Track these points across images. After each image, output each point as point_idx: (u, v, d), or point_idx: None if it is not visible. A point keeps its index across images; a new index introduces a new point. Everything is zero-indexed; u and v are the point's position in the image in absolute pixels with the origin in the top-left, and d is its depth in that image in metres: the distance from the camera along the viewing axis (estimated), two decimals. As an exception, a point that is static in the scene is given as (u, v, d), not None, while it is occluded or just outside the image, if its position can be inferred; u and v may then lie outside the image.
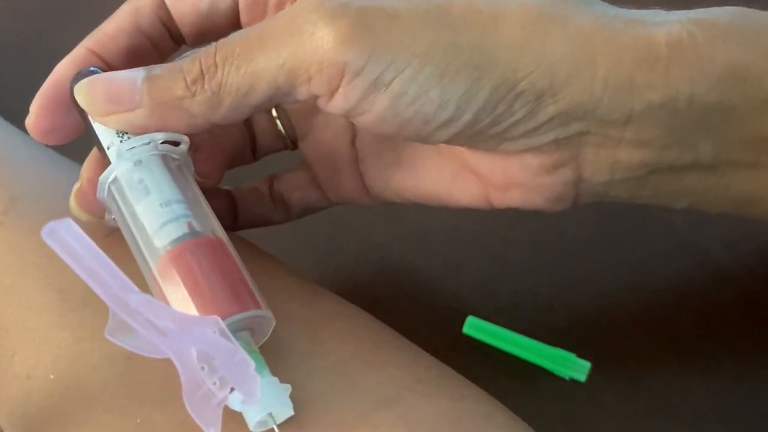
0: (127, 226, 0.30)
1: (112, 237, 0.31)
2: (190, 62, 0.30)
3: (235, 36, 0.30)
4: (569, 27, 0.30)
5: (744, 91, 0.31)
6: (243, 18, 0.34)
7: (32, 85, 0.34)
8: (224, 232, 0.30)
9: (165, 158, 0.30)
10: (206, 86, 0.29)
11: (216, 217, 0.30)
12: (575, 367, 0.40)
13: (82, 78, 0.31)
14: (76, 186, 0.33)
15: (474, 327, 0.41)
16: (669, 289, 0.42)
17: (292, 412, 0.27)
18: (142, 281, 0.29)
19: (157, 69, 0.30)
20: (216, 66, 0.29)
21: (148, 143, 0.30)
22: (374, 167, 0.36)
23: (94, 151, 0.32)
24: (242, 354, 0.26)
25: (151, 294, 0.29)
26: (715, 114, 0.31)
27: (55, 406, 0.30)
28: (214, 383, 0.26)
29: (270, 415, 0.27)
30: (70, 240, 0.24)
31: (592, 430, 0.38)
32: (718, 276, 0.43)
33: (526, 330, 0.40)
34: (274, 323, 0.28)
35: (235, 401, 0.26)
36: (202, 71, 0.29)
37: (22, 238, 0.33)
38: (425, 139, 0.31)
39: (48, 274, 0.32)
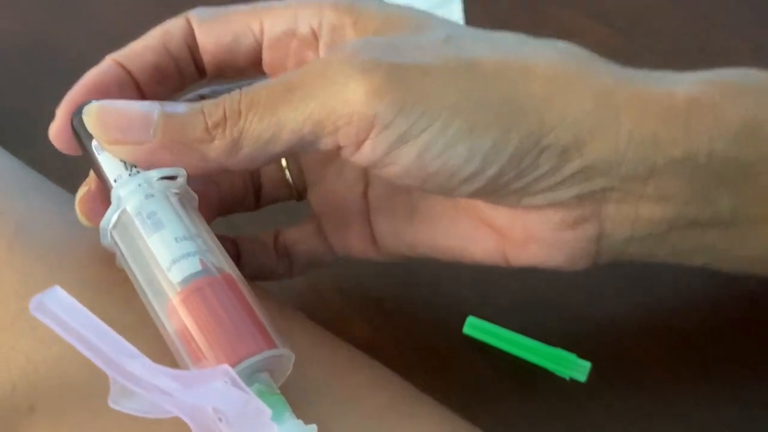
0: (134, 263, 0.29)
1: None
2: (213, 106, 0.30)
3: (261, 84, 0.30)
4: (593, 83, 0.30)
5: (759, 147, 0.31)
6: (265, 58, 0.34)
7: (32, 84, 0.34)
8: (236, 268, 0.29)
9: (170, 192, 0.30)
10: (227, 132, 0.29)
11: (227, 253, 0.30)
12: (575, 367, 0.40)
13: (80, 114, 0.31)
14: (82, 191, 0.32)
15: (474, 327, 0.41)
16: (669, 290, 0.42)
17: None
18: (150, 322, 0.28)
19: (175, 106, 0.30)
20: (240, 113, 0.29)
21: (154, 180, 0.30)
22: (386, 220, 0.36)
23: None
24: (256, 403, 0.24)
25: (162, 332, 0.28)
26: (733, 169, 0.31)
27: None
28: None
29: None
30: (57, 310, 0.23)
31: (592, 430, 0.38)
32: (719, 276, 0.43)
33: (526, 330, 0.40)
34: (293, 359, 0.27)
35: None
36: (225, 116, 0.29)
37: (32, 265, 0.32)
38: (448, 193, 0.31)
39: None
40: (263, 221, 0.39)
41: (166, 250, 0.28)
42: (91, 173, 0.32)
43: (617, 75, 0.31)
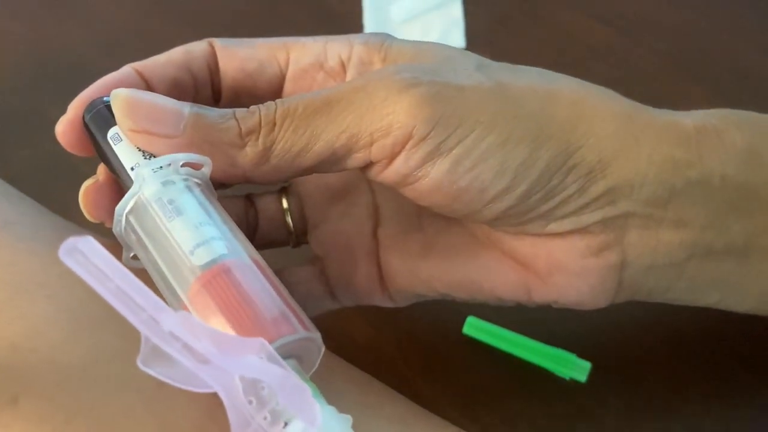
0: (153, 248, 0.28)
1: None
2: (247, 112, 0.30)
3: (297, 97, 0.30)
4: (613, 108, 0.31)
5: (763, 175, 0.32)
6: (287, 88, 0.34)
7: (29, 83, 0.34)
8: (260, 255, 0.29)
9: (191, 179, 0.30)
10: (260, 140, 0.29)
11: (251, 244, 0.29)
12: (575, 367, 0.40)
13: (96, 109, 0.31)
14: (89, 182, 0.31)
15: (474, 327, 0.41)
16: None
17: None
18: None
19: (205, 108, 0.30)
20: (275, 122, 0.29)
21: (179, 165, 0.29)
22: (399, 258, 0.35)
23: None
24: (295, 379, 0.23)
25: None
26: (744, 195, 0.32)
27: None
28: (265, 418, 0.24)
29: None
30: (92, 258, 0.22)
31: (592, 430, 0.38)
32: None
33: (526, 330, 0.40)
34: (323, 349, 0.27)
35: None
36: (259, 124, 0.29)
37: (22, 258, 0.31)
38: (475, 214, 0.31)
39: (55, 292, 0.30)
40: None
41: (188, 234, 0.27)
42: (99, 169, 0.32)
43: (632, 104, 0.32)
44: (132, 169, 0.30)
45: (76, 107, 0.32)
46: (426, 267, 0.34)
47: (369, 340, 0.39)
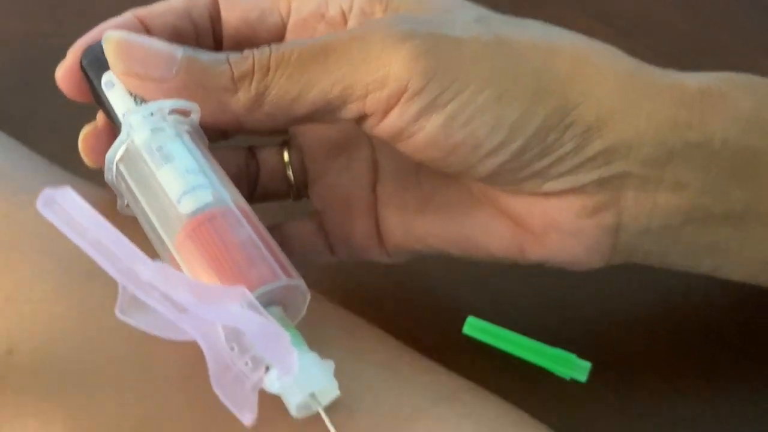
0: (142, 195, 0.28)
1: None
2: (240, 57, 0.29)
3: (293, 43, 0.30)
4: (615, 66, 0.31)
5: (766, 139, 0.31)
6: (288, 38, 0.34)
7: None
8: (247, 203, 0.28)
9: (181, 126, 0.29)
10: (253, 86, 0.29)
11: (238, 191, 0.29)
12: (575, 367, 0.40)
13: (93, 53, 0.31)
14: (88, 128, 0.31)
15: (474, 327, 0.41)
16: (669, 289, 0.42)
17: (337, 392, 0.25)
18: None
19: (199, 52, 0.30)
20: (268, 68, 0.29)
21: (167, 112, 0.29)
22: (396, 213, 0.35)
23: None
24: (275, 326, 0.23)
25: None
26: (745, 160, 0.31)
27: (44, 385, 0.27)
28: (246, 364, 0.24)
29: (313, 395, 0.24)
30: (69, 209, 0.22)
31: (592, 430, 0.38)
32: (719, 276, 0.43)
33: (526, 330, 0.40)
34: (308, 297, 0.26)
35: (271, 383, 0.24)
36: (252, 69, 0.29)
37: (14, 208, 0.31)
38: (470, 170, 0.30)
39: (48, 244, 0.29)
40: (261, 219, 0.39)
41: (176, 182, 0.27)
42: (98, 116, 0.32)
43: (635, 64, 0.32)
44: (123, 116, 0.29)
45: (75, 52, 0.32)
46: (422, 223, 0.34)
47: (369, 340, 0.39)
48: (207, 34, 0.34)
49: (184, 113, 0.29)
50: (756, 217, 0.32)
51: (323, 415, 0.24)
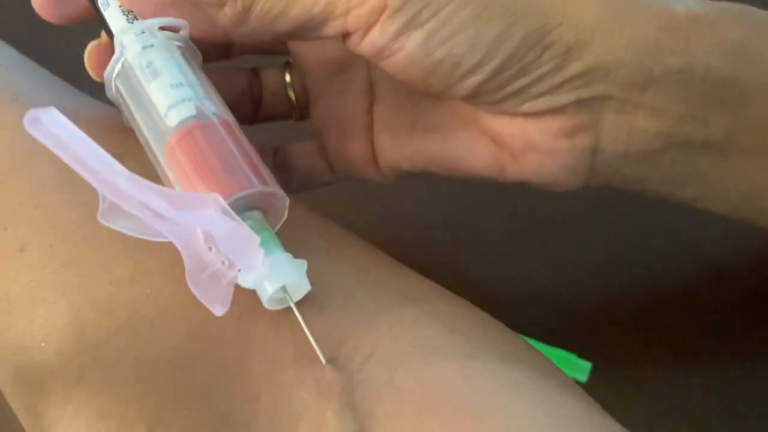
0: (135, 110, 0.29)
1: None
2: None
3: None
4: None
5: (754, 71, 0.32)
6: None
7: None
8: (231, 115, 0.30)
9: (171, 43, 0.30)
10: (238, 1, 0.30)
11: (223, 101, 0.30)
12: (575, 367, 0.40)
13: None
14: (93, 44, 0.32)
15: (474, 327, 0.41)
16: (669, 289, 0.42)
17: (309, 287, 0.26)
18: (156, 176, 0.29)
19: None
20: None
21: (156, 29, 0.30)
22: (389, 134, 0.36)
23: None
24: (245, 230, 0.25)
25: (161, 182, 0.28)
26: (729, 90, 0.31)
27: (49, 277, 0.29)
28: (223, 263, 0.25)
29: (284, 288, 0.26)
30: (53, 128, 0.23)
31: (592, 430, 0.38)
32: (718, 276, 0.43)
33: (526, 330, 0.40)
34: (287, 202, 0.28)
35: (245, 279, 0.26)
36: None
37: None
38: (450, 89, 0.31)
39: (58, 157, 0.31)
40: (267, 140, 0.39)
41: (163, 96, 0.29)
42: (102, 32, 0.32)
43: None
44: (116, 34, 0.31)
45: None
46: (411, 143, 0.35)
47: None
48: None
49: (175, 29, 0.30)
50: (737, 148, 0.32)
51: (293, 307, 0.25)
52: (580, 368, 0.39)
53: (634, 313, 0.41)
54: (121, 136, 0.31)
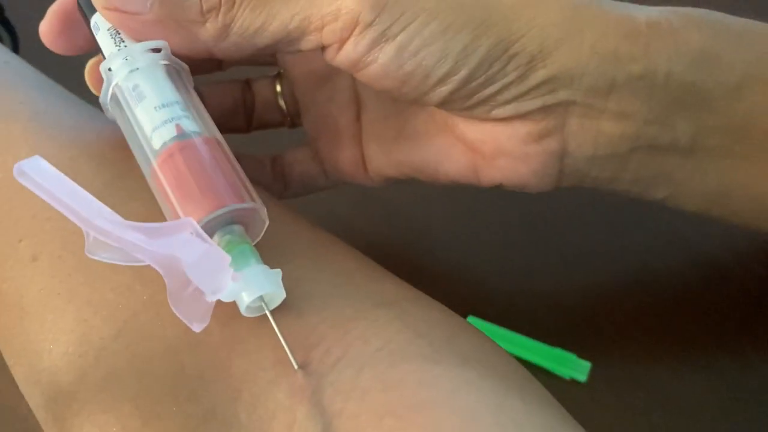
0: (126, 133, 0.31)
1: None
2: None
3: None
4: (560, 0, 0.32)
5: (716, 76, 0.33)
6: None
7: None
8: (215, 130, 0.31)
9: (157, 63, 0.31)
10: (219, 17, 0.31)
11: (211, 118, 0.31)
12: (575, 367, 0.40)
13: None
14: (93, 61, 0.33)
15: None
16: (669, 289, 0.43)
17: (284, 295, 0.28)
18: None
19: None
20: (234, 1, 0.31)
21: (143, 53, 0.31)
22: (376, 141, 0.38)
23: None
24: (216, 251, 0.26)
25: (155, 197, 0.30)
26: (691, 95, 0.33)
27: (58, 286, 0.30)
28: None
29: (261, 298, 0.27)
30: (37, 177, 0.26)
31: (592, 430, 0.38)
32: (718, 276, 0.43)
33: (526, 330, 0.40)
34: (265, 211, 0.29)
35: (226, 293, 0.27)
36: (219, 2, 0.31)
37: (44, 143, 0.34)
38: (423, 97, 0.32)
39: (64, 172, 0.32)
40: (265, 148, 0.40)
41: (147, 119, 0.30)
42: None
43: None
44: (107, 57, 0.32)
45: (53, 11, 0.33)
46: (396, 151, 0.37)
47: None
48: None
49: (156, 50, 0.32)
50: (704, 150, 0.34)
51: (269, 316, 0.27)
52: (580, 368, 0.39)
53: (634, 313, 0.42)
54: (127, 152, 0.32)
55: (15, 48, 0.52)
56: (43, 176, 0.26)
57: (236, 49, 0.32)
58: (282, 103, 0.39)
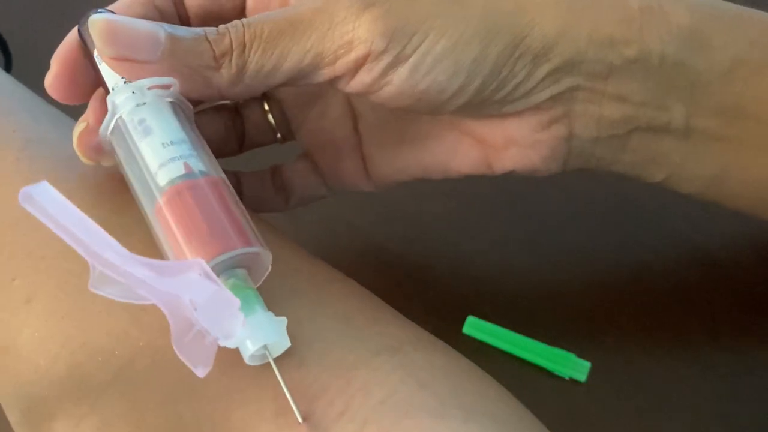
0: (128, 168, 0.30)
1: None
2: (217, 35, 0.31)
3: (262, 18, 0.31)
4: None
5: (708, 57, 0.34)
6: (249, 7, 0.35)
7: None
8: (221, 171, 0.30)
9: (163, 100, 0.31)
10: (233, 62, 0.31)
11: (212, 155, 0.31)
12: (575, 367, 0.40)
13: (88, 19, 0.31)
14: (80, 128, 0.33)
15: (474, 327, 0.41)
16: (669, 289, 0.43)
17: (288, 344, 0.27)
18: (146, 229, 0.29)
19: (177, 29, 0.31)
20: (244, 45, 0.31)
21: (147, 87, 0.30)
22: (378, 148, 0.38)
23: (97, 94, 0.33)
24: (225, 293, 0.26)
25: (153, 234, 0.29)
26: (683, 76, 0.34)
27: (52, 329, 0.30)
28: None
29: (265, 347, 0.27)
30: (44, 203, 0.25)
31: (592, 430, 0.38)
32: (718, 276, 0.43)
33: (526, 330, 0.40)
34: (270, 257, 0.28)
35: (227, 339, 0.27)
36: (231, 47, 0.31)
37: (36, 173, 0.33)
38: (437, 110, 0.33)
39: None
40: (262, 162, 0.40)
41: (154, 155, 0.29)
42: (87, 112, 0.33)
43: None
44: (113, 89, 0.31)
45: (58, 61, 0.33)
46: (400, 155, 0.37)
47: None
48: (173, 18, 0.35)
49: (166, 86, 0.31)
50: (698, 132, 0.35)
51: (273, 366, 0.26)
52: (580, 368, 0.39)
53: (634, 313, 0.42)
54: (124, 186, 0.31)
55: (8, 65, 0.51)
56: (50, 203, 0.25)
57: (249, 91, 0.32)
58: (272, 120, 0.39)
